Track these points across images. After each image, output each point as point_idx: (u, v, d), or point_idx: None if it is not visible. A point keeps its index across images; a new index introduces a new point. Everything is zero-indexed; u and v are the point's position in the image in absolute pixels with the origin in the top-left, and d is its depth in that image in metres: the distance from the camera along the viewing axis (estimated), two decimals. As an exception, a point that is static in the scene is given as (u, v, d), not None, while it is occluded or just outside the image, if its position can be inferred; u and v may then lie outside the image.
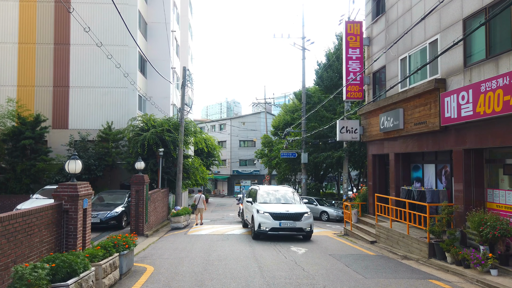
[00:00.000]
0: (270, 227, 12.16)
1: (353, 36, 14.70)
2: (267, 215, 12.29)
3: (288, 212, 12.34)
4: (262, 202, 13.35)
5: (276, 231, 12.19)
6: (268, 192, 14.10)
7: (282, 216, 12.25)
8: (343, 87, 14.70)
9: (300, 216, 12.36)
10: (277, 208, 12.61)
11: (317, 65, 28.08)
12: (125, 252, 7.35)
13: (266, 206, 12.81)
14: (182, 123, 19.42)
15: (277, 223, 12.14)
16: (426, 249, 9.59)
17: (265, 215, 12.32)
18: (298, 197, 14.25)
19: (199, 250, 10.49)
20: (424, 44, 11.07)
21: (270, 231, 12.17)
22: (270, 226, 12.15)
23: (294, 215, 12.32)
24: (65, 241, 7.97)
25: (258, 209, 12.64)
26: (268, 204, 13.19)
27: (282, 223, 12.15)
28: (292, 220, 12.24)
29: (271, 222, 12.16)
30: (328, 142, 24.41)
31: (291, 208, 12.71)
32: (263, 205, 13.01)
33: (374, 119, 13.87)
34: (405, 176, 12.81)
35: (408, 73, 11.78)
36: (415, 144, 11.54)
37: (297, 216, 12.34)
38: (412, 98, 11.07)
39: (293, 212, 12.39)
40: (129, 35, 21.11)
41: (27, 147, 19.09)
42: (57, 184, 8.10)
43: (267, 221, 12.20)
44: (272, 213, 12.28)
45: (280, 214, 12.29)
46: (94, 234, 13.75)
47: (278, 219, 12.19)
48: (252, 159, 51.48)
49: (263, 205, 13.01)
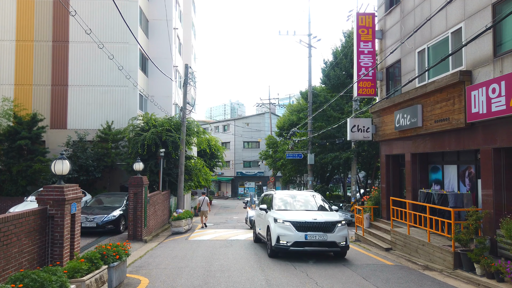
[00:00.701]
0: (292, 241, 9.24)
1: (364, 29, 13.82)
2: (288, 225, 9.42)
3: (316, 220, 9.46)
4: (280, 209, 10.52)
5: (301, 246, 9.22)
6: (287, 197, 11.32)
7: (309, 226, 9.35)
8: (354, 83, 13.83)
9: (333, 226, 9.45)
10: (301, 216, 9.73)
11: (323, 63, 27.22)
12: (115, 263, 6.51)
13: (286, 214, 9.98)
14: (184, 122, 18.61)
15: (302, 235, 9.24)
16: (451, 259, 8.67)
17: (285, 225, 9.45)
18: (326, 202, 11.27)
19: (200, 259, 9.63)
20: (446, 34, 10.17)
21: (293, 247, 9.24)
22: (293, 240, 9.24)
23: (325, 225, 9.43)
24: (50, 250, 7.15)
25: (275, 217, 9.80)
26: (289, 211, 10.31)
27: (309, 235, 9.24)
28: (321, 232, 9.34)
29: (293, 235, 9.27)
30: (336, 143, 23.50)
31: (320, 215, 9.84)
32: (282, 212, 10.15)
33: (388, 116, 12.96)
34: (422, 178, 11.88)
35: (427, 66, 10.87)
36: (435, 143, 10.62)
37: (328, 226, 9.43)
38: (433, 93, 10.17)
39: (323, 220, 9.53)
40: (130, 32, 20.39)
41: (24, 148, 18.37)
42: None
43: (288, 233, 9.33)
44: (295, 222, 9.40)
45: (306, 223, 9.39)
46: (90, 239, 12.95)
47: (303, 230, 9.30)
48: (256, 160, 50.63)
49: (282, 212, 10.15)
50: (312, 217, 9.65)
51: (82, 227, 13.56)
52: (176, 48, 26.21)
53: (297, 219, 9.58)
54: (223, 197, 54.44)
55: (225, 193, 56.16)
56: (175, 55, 25.00)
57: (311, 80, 24.23)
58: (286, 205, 10.77)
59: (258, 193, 49.19)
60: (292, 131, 26.73)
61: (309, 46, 24.34)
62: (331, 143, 23.94)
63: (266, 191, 13.12)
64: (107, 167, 19.09)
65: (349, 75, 24.67)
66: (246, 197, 45.42)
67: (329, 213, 10.38)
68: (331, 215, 10.06)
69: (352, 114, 19.72)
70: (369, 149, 22.28)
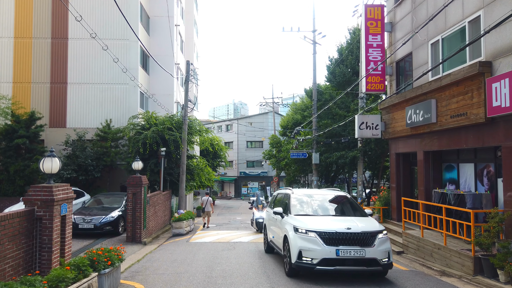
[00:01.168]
0: (319, 257, 7.08)
1: (373, 21, 13.21)
2: (313, 236, 7.27)
3: (351, 231, 7.28)
4: (300, 213, 8.40)
5: (331, 265, 7.07)
6: (308, 198, 9.08)
7: (341, 238, 7.21)
8: (362, 78, 13.21)
9: (372, 238, 7.32)
10: (330, 224, 7.63)
11: (328, 60, 26.59)
12: (107, 270, 5.95)
13: (309, 221, 7.83)
14: (186, 120, 18.06)
15: (332, 250, 7.08)
16: (471, 264, 8.05)
17: (309, 236, 7.30)
18: (357, 204, 9.22)
19: (201, 263, 9.06)
20: (462, 24, 9.54)
21: (320, 265, 7.09)
22: (320, 257, 7.08)
23: (362, 237, 7.27)
24: (38, 255, 6.61)
25: (296, 225, 7.67)
26: (313, 217, 8.19)
27: (342, 250, 7.07)
28: (358, 246, 7.17)
29: (320, 250, 7.12)
30: (341, 142, 22.86)
31: (354, 223, 7.67)
32: (303, 218, 8.02)
33: (398, 113, 12.34)
34: (436, 178, 11.25)
35: (441, 58, 10.25)
36: (451, 140, 9.99)
37: (366, 238, 7.29)
38: (448, 86, 9.55)
39: (359, 230, 7.34)
40: (130, 29, 19.91)
41: (22, 147, 17.90)
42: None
43: (313, 247, 7.17)
44: (323, 233, 7.26)
45: (337, 234, 7.23)
46: (87, 241, 12.44)
47: (334, 243, 7.17)
48: (260, 160, 50.04)
49: (303, 218, 8.02)
50: (345, 225, 7.47)
51: (79, 228, 13.14)
52: (178, 46, 25.68)
53: (325, 228, 7.37)
54: (226, 197, 53.91)
55: (228, 193, 55.62)
56: (176, 53, 24.47)
57: (315, 77, 23.66)
58: (308, 209, 8.61)
59: (262, 193, 48.60)
60: (296, 130, 26.14)
61: (314, 42, 23.76)
62: (337, 142, 23.32)
63: (280, 189, 10.81)
64: (106, 167, 18.59)
65: (354, 72, 24.05)
66: (252, 196, 44.73)
67: (365, 219, 8.17)
68: (368, 223, 7.93)
69: (357, 112, 19.11)
70: (375, 148, 21.64)
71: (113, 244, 11.79)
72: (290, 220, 8.15)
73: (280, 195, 10.30)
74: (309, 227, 7.49)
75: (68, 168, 17.29)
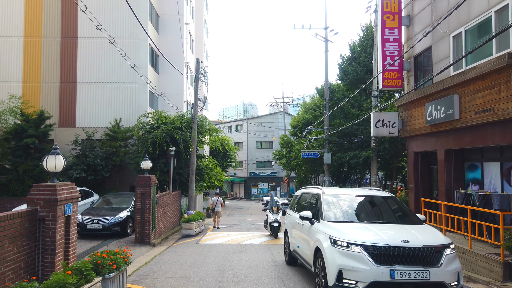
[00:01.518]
0: (367, 280, 5.43)
1: (390, 14, 12.69)
2: (357, 251, 5.59)
3: (409, 244, 5.57)
4: (337, 219, 6.65)
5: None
6: (344, 200, 7.26)
7: (396, 253, 5.51)
8: (379, 73, 12.69)
9: (437, 255, 5.60)
10: (379, 235, 5.83)
11: (340, 58, 26.11)
12: (112, 274, 5.59)
13: (350, 230, 6.07)
14: (195, 119, 17.74)
15: (386, 271, 5.41)
16: (500, 270, 7.49)
17: (353, 251, 5.61)
18: (409, 209, 7.36)
19: (211, 266, 8.67)
20: (488, 14, 8.99)
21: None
22: (369, 279, 5.42)
23: (424, 253, 5.55)
24: (41, 257, 6.30)
25: (333, 236, 5.97)
26: (354, 224, 6.41)
27: (398, 271, 5.40)
28: (420, 265, 5.47)
29: (369, 270, 5.44)
30: (354, 141, 22.30)
31: (410, 233, 5.92)
32: (342, 226, 6.26)
33: (417, 110, 11.79)
34: (457, 178, 10.68)
35: (464, 51, 9.70)
36: (475, 138, 9.43)
37: (429, 254, 5.56)
38: (473, 80, 9.01)
39: (420, 244, 5.60)
40: (139, 27, 19.71)
41: (31, 146, 17.78)
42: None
43: (359, 265, 5.50)
44: (372, 247, 5.57)
45: (391, 249, 5.53)
46: (95, 242, 12.17)
47: (387, 261, 5.49)
48: (270, 160, 49.63)
49: (342, 226, 6.26)
50: (399, 236, 5.72)
51: (87, 229, 12.88)
52: (188, 45, 25.43)
53: (373, 240, 5.61)
54: (236, 198, 53.59)
55: (238, 193, 55.30)
56: (186, 51, 24.21)
57: (327, 75, 23.16)
58: (346, 213, 6.82)
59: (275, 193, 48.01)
60: (307, 129, 25.66)
61: (326, 40, 23.25)
62: (349, 142, 22.78)
63: (304, 187, 9.24)
64: (116, 167, 18.38)
65: (367, 70, 23.50)
66: (265, 196, 44.00)
67: (422, 228, 6.32)
68: (429, 233, 6.09)
69: (371, 111, 18.55)
70: (389, 148, 21.05)
71: (121, 246, 11.50)
72: (323, 228, 6.42)
73: (305, 195, 8.62)
74: (352, 238, 5.71)
75: (77, 168, 17.12)
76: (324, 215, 6.74)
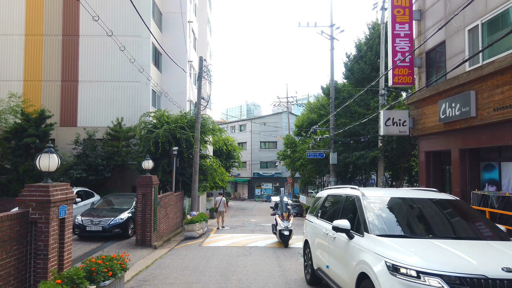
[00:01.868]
0: None
1: (400, 8, 12.21)
2: (435, 285, 3.61)
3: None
4: (388, 233, 4.69)
5: None
6: (396, 205, 5.37)
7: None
8: (389, 69, 12.20)
9: None
10: (466, 260, 3.81)
11: (346, 57, 25.62)
12: (107, 282, 5.18)
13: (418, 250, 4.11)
14: (199, 118, 17.33)
15: None
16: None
17: (427, 285, 3.63)
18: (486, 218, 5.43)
19: (214, 271, 8.24)
20: (507, 5, 8.50)
21: None
22: None
23: None
24: (34, 263, 5.91)
25: (389, 259, 4.02)
26: (414, 240, 4.45)
27: None
28: None
29: None
30: (361, 141, 21.80)
31: (508, 257, 3.92)
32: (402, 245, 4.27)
33: (429, 107, 11.31)
34: (473, 178, 10.18)
35: (481, 46, 9.21)
36: (493, 136, 8.94)
37: None
38: (491, 75, 8.52)
39: None
40: (142, 24, 19.37)
41: (31, 146, 17.44)
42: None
43: None
44: (459, 279, 3.59)
45: (489, 283, 3.55)
46: (95, 244, 11.79)
47: None
48: (274, 161, 49.15)
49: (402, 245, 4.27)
50: (496, 261, 3.83)
51: (87, 231, 12.50)
52: (191, 43, 25.05)
53: (459, 268, 3.70)
54: (240, 199, 53.18)
55: (242, 194, 54.89)
56: (189, 50, 23.83)
57: (333, 73, 22.68)
58: (402, 224, 4.99)
59: (275, 194, 47.58)
60: (313, 129, 25.19)
61: (331, 38, 22.78)
62: (355, 141, 22.28)
63: (329, 188, 7.61)
64: (117, 167, 18.01)
65: (374, 68, 23.00)
66: (274, 195, 43.25)
67: None
68: None
69: (378, 109, 18.06)
70: (397, 148, 20.54)
71: (121, 248, 11.10)
72: (371, 244, 4.49)
73: (332, 197, 6.67)
74: (423, 264, 3.77)
75: (78, 168, 16.77)
76: (370, 227, 4.78)
